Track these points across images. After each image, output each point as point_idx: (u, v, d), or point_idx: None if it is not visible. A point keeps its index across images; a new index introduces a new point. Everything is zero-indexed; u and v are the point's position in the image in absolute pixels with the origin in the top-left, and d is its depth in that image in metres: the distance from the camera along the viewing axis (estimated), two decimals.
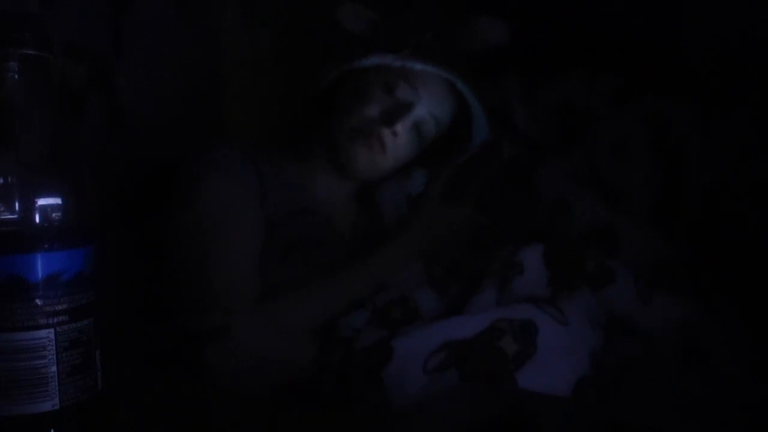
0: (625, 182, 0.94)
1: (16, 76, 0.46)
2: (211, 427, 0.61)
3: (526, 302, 0.72)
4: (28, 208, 0.45)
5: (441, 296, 0.80)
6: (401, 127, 0.87)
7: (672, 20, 1.01)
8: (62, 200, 0.47)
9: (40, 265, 0.46)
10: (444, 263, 0.86)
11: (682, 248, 0.84)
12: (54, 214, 0.46)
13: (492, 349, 0.66)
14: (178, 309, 0.76)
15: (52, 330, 0.46)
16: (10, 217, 0.45)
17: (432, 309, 0.78)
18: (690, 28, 1.01)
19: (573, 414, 0.60)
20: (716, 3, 0.97)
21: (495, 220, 0.91)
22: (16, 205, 0.45)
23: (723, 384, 0.68)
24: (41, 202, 0.46)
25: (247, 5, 1.11)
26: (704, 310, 0.75)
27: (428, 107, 0.89)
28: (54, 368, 0.46)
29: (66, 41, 0.75)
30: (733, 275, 0.79)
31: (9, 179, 0.45)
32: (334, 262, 0.86)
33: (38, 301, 0.46)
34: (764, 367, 0.68)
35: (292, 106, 1.06)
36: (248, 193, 0.83)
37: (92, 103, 0.81)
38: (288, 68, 1.15)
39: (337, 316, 0.80)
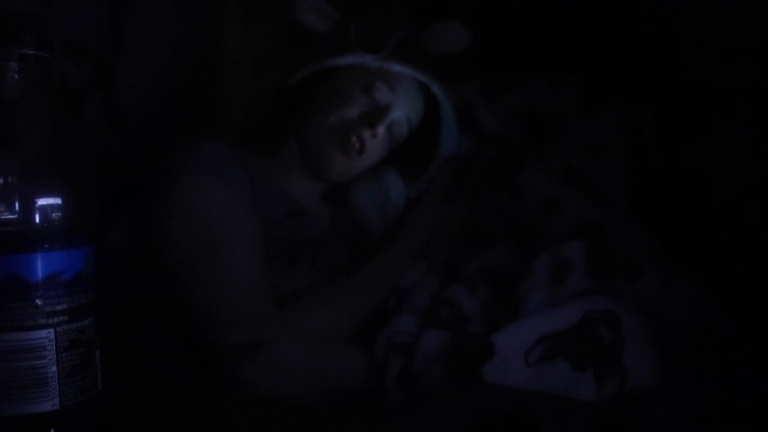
0: (603, 181, 0.94)
1: (16, 76, 0.46)
2: (212, 427, 0.61)
3: (597, 294, 0.74)
4: (28, 208, 0.45)
5: (473, 295, 0.80)
6: (381, 129, 0.86)
7: (663, 23, 1.02)
8: (62, 200, 0.46)
9: (40, 265, 0.46)
10: (444, 263, 0.86)
11: (667, 243, 0.85)
12: (54, 214, 0.46)
13: (594, 338, 0.68)
14: (193, 321, 0.74)
15: (52, 330, 0.46)
16: (10, 217, 0.45)
17: (470, 308, 0.79)
18: (690, 28, 1.01)
19: (573, 414, 0.60)
20: (717, 3, 0.97)
21: (483, 221, 0.92)
22: (16, 205, 0.45)
23: (723, 382, 0.68)
24: (41, 202, 0.46)
25: (247, 5, 1.11)
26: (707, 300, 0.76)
27: (404, 109, 0.89)
28: (54, 368, 0.46)
29: (66, 41, 0.75)
30: (716, 266, 0.80)
31: (9, 179, 0.45)
32: (337, 263, 0.86)
33: (38, 301, 0.46)
34: (760, 361, 0.69)
35: (263, 105, 1.04)
36: (242, 195, 0.79)
37: (92, 102, 0.81)
38: (288, 68, 1.15)
39: (366, 320, 0.79)
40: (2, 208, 0.45)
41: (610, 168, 0.95)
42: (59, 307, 0.46)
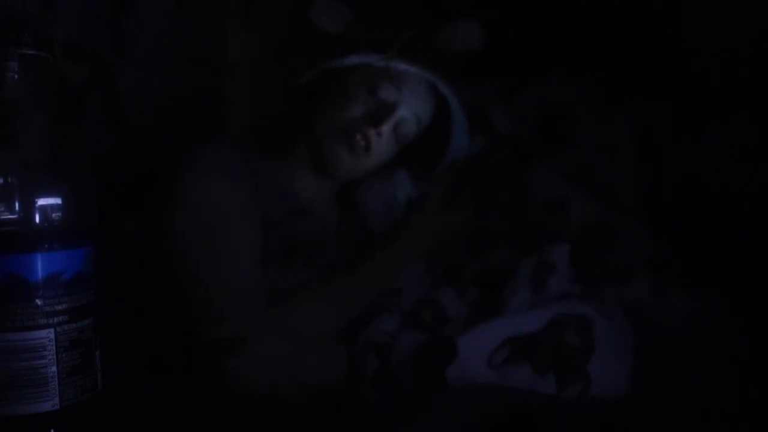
0: (615, 181, 0.94)
1: (16, 76, 0.46)
2: (211, 427, 0.61)
3: (572, 298, 0.73)
4: (28, 208, 0.45)
5: (462, 297, 0.80)
6: (386, 128, 0.87)
7: (666, 21, 1.01)
8: (62, 200, 0.47)
9: (40, 265, 0.46)
10: (444, 265, 0.86)
11: (675, 245, 0.85)
12: (54, 214, 0.46)
13: (559, 342, 0.68)
14: (188, 316, 0.75)
15: (52, 330, 0.46)
16: (10, 217, 0.45)
17: (456, 310, 0.78)
18: (691, 27, 1.01)
19: (573, 414, 0.60)
20: (718, 2, 0.97)
21: (490, 223, 0.91)
22: (16, 205, 0.45)
23: (724, 383, 0.68)
24: (41, 202, 0.46)
25: (247, 4, 1.11)
26: (703, 306, 0.76)
27: (411, 108, 0.89)
28: (54, 368, 0.46)
29: (66, 41, 0.75)
30: (729, 272, 0.80)
31: (9, 179, 0.45)
32: (335, 263, 0.86)
33: (38, 301, 0.46)
34: (762, 365, 0.68)
35: (275, 105, 1.05)
36: (244, 194, 0.82)
37: (92, 103, 0.81)
38: (288, 68, 1.15)
39: (352, 320, 0.80)
40: (2, 208, 0.45)
41: (622, 167, 0.94)
42: (59, 307, 0.46)
